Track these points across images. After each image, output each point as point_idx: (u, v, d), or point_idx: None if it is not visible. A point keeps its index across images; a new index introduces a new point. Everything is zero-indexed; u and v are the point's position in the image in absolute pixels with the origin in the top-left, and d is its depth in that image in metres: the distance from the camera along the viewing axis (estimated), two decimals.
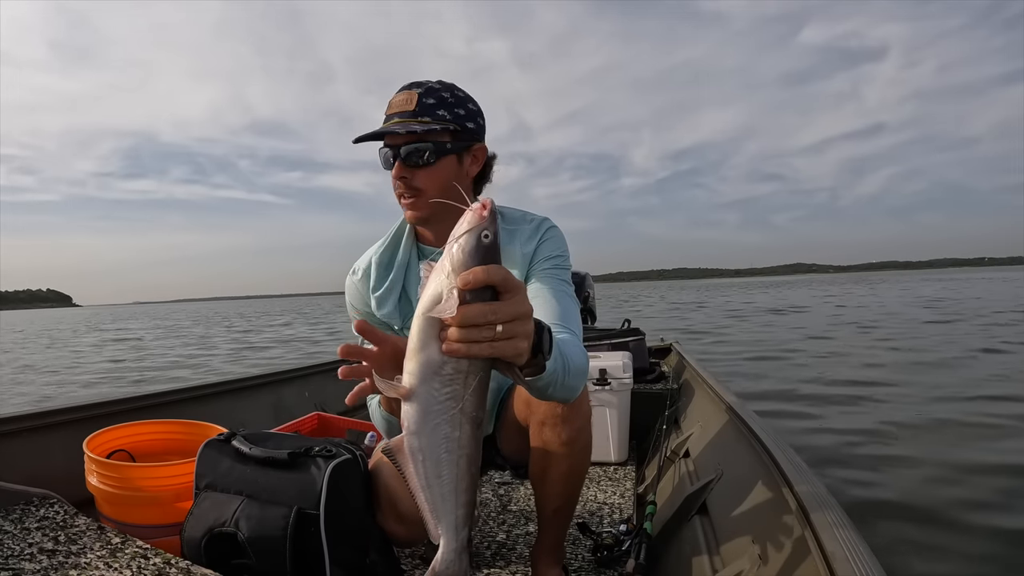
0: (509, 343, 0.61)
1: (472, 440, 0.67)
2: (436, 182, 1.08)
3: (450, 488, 0.68)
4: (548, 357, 0.74)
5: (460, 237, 0.61)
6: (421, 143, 1.05)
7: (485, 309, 0.59)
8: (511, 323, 0.60)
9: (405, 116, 1.05)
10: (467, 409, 0.65)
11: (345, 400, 0.75)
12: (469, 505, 0.70)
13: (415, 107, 1.05)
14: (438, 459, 0.66)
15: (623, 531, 1.48)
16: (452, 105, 1.07)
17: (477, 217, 0.61)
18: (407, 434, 0.66)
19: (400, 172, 1.07)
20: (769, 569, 0.97)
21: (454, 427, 0.65)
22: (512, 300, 0.61)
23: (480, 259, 0.60)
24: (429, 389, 0.64)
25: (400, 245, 1.21)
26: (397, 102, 1.06)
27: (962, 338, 8.66)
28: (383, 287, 1.19)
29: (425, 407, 0.64)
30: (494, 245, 0.61)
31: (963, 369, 6.10)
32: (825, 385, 5.40)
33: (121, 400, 1.79)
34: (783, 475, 1.12)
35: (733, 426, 1.64)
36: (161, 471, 1.36)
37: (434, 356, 0.62)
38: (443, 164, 1.08)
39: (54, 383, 8.39)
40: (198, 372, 9.09)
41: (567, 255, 1.17)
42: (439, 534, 0.71)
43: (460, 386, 0.64)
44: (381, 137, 1.08)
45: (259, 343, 14.78)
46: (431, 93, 1.06)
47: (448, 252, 0.61)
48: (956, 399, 4.56)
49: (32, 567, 1.04)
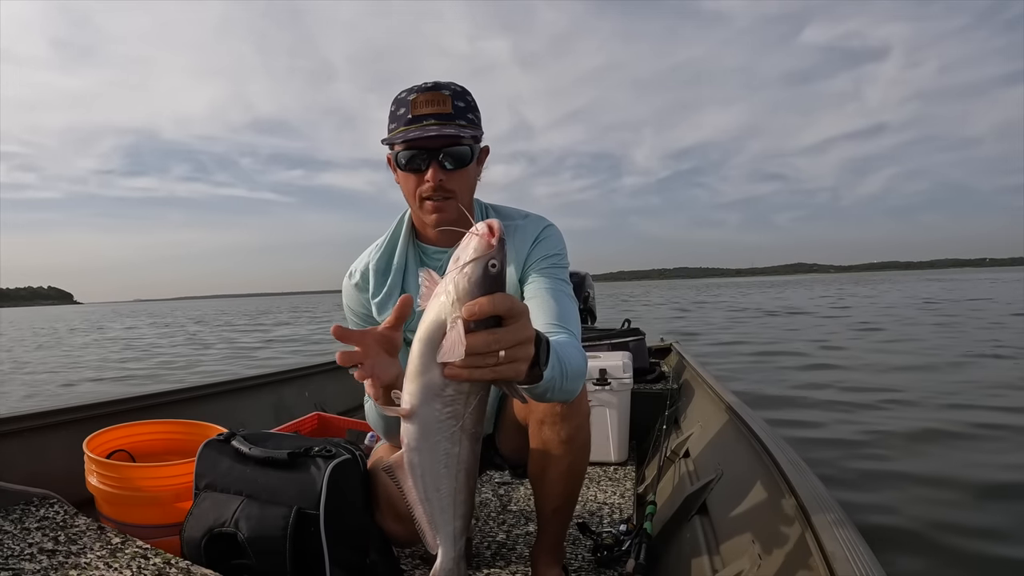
0: (510, 367, 0.61)
1: (471, 455, 0.68)
2: (467, 185, 1.10)
3: (448, 501, 0.69)
4: (545, 368, 0.75)
5: (466, 266, 0.59)
6: (461, 146, 1.06)
7: (489, 339, 0.59)
8: (513, 348, 0.61)
9: (442, 119, 1.04)
10: (467, 426, 0.65)
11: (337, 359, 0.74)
12: (466, 516, 0.71)
13: (451, 110, 1.05)
14: (437, 474, 0.67)
15: (623, 531, 1.48)
16: (474, 108, 1.09)
17: (485, 245, 0.59)
18: (407, 450, 0.67)
19: (437, 175, 1.06)
20: (769, 569, 0.97)
21: (454, 443, 0.66)
22: (515, 326, 0.61)
23: (486, 289, 0.59)
24: (430, 410, 0.64)
25: (396, 247, 1.20)
26: (426, 101, 1.04)
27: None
28: (382, 293, 1.18)
29: (425, 426, 0.65)
30: (500, 274, 0.60)
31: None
32: (847, 390, 5.28)
33: (121, 400, 1.79)
34: (783, 475, 1.12)
35: (733, 426, 1.64)
36: (161, 471, 1.36)
37: (435, 379, 0.62)
38: (472, 167, 1.10)
39: (38, 383, 8.30)
40: (192, 373, 9.04)
41: (564, 254, 1.17)
42: (437, 544, 0.71)
43: (461, 406, 0.64)
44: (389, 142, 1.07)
45: (274, 339, 14.71)
46: (458, 96, 1.06)
47: (452, 278, 0.60)
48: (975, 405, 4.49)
49: (32, 567, 1.04)
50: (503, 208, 1.23)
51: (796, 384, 5.72)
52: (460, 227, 1.13)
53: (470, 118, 1.07)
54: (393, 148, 1.09)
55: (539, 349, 0.71)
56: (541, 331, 1.03)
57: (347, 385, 2.72)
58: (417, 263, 1.20)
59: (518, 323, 0.61)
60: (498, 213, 1.22)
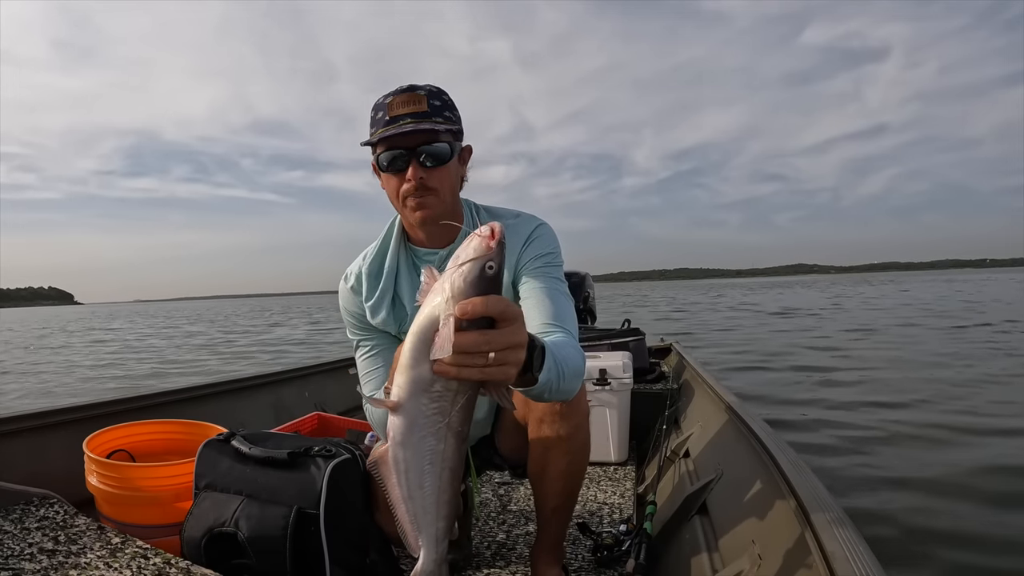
0: (499, 369, 0.62)
1: (456, 453, 0.68)
2: (447, 182, 1.10)
3: (432, 500, 0.69)
4: (539, 373, 0.75)
5: (464, 265, 0.60)
6: (439, 143, 1.07)
7: (479, 339, 0.59)
8: (504, 351, 0.61)
9: (418, 117, 1.05)
10: (453, 424, 0.66)
11: None
12: (450, 518, 0.71)
13: (427, 107, 1.06)
14: (421, 470, 0.67)
15: (623, 531, 1.48)
16: (451, 107, 1.10)
17: (485, 247, 0.60)
18: (392, 444, 0.67)
19: (417, 172, 1.07)
20: (769, 569, 0.97)
21: (439, 440, 0.66)
22: (508, 330, 0.61)
23: (481, 290, 0.60)
24: (417, 404, 0.65)
25: (388, 251, 1.20)
26: (402, 102, 1.06)
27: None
28: (374, 296, 1.19)
29: (412, 420, 0.65)
30: (497, 276, 0.61)
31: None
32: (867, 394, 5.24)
33: (121, 400, 1.79)
34: (783, 475, 1.12)
35: (733, 426, 1.64)
36: (161, 471, 1.36)
37: (424, 374, 0.63)
38: (452, 164, 1.10)
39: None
40: (186, 375, 8.97)
41: (558, 252, 1.18)
42: (419, 546, 0.71)
43: (448, 403, 0.65)
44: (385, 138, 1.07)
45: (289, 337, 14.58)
46: (434, 96, 1.08)
47: (449, 276, 0.61)
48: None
49: (32, 567, 1.04)
50: (495, 209, 1.23)
51: (796, 383, 5.72)
52: (445, 225, 1.15)
53: (447, 116, 1.08)
54: (376, 152, 1.10)
55: (533, 354, 0.71)
56: (538, 331, 1.04)
57: (347, 385, 2.72)
58: (409, 266, 1.20)
59: (511, 327, 0.61)
60: (490, 214, 1.22)
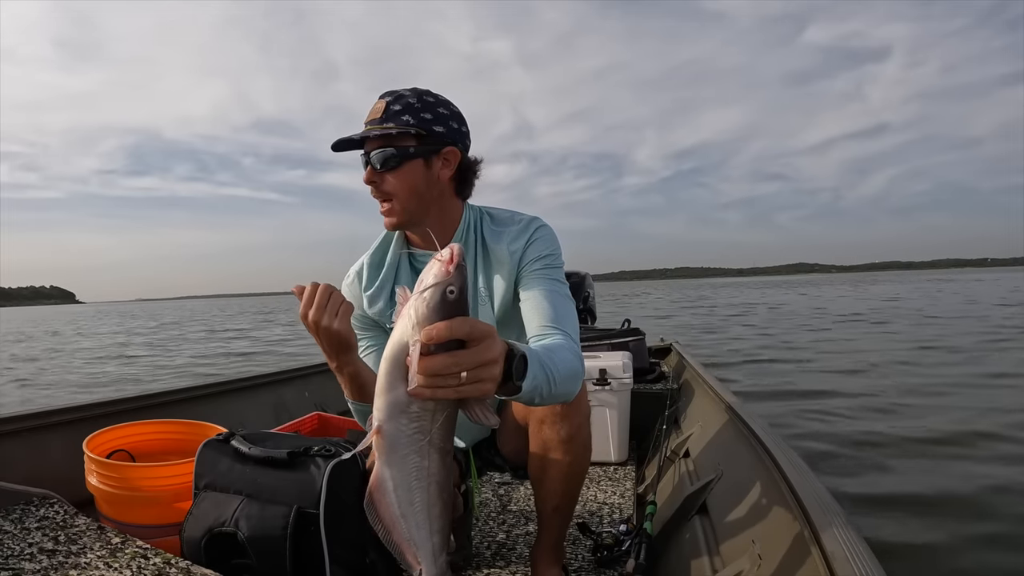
0: (474, 387, 0.63)
1: (441, 468, 0.69)
2: (404, 186, 1.09)
3: (423, 516, 0.70)
4: (522, 381, 0.75)
5: (425, 291, 0.62)
6: (386, 147, 1.07)
7: (448, 361, 0.60)
8: (476, 369, 0.62)
9: (374, 123, 1.08)
10: (435, 441, 0.67)
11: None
12: (444, 532, 0.72)
13: (382, 114, 1.07)
14: (409, 486, 0.69)
15: (623, 531, 1.48)
16: (418, 110, 1.08)
17: (444, 272, 0.62)
18: (378, 463, 0.69)
19: (370, 176, 1.09)
20: (769, 569, 0.97)
21: (423, 457, 0.68)
22: (477, 349, 0.62)
23: (444, 315, 0.61)
24: (397, 425, 0.66)
25: (391, 246, 1.24)
26: (371, 111, 1.09)
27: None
28: (374, 286, 1.22)
29: (393, 440, 0.67)
30: (460, 299, 0.62)
31: None
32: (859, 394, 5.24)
33: (121, 400, 1.79)
34: (783, 475, 1.12)
35: (733, 426, 1.64)
36: (161, 471, 1.36)
37: (400, 397, 0.64)
38: (409, 168, 1.08)
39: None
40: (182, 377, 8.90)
41: (558, 253, 1.18)
42: (419, 564, 0.72)
43: (427, 422, 0.66)
44: (360, 146, 1.10)
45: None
46: (399, 100, 1.08)
47: (412, 303, 0.63)
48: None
49: (32, 567, 1.04)
50: (496, 211, 1.24)
51: (793, 383, 5.71)
52: (409, 229, 1.17)
53: (404, 120, 1.06)
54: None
55: (512, 364, 0.71)
56: (536, 333, 1.04)
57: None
58: (407, 263, 1.23)
59: (480, 345, 0.62)
60: (491, 216, 1.23)
